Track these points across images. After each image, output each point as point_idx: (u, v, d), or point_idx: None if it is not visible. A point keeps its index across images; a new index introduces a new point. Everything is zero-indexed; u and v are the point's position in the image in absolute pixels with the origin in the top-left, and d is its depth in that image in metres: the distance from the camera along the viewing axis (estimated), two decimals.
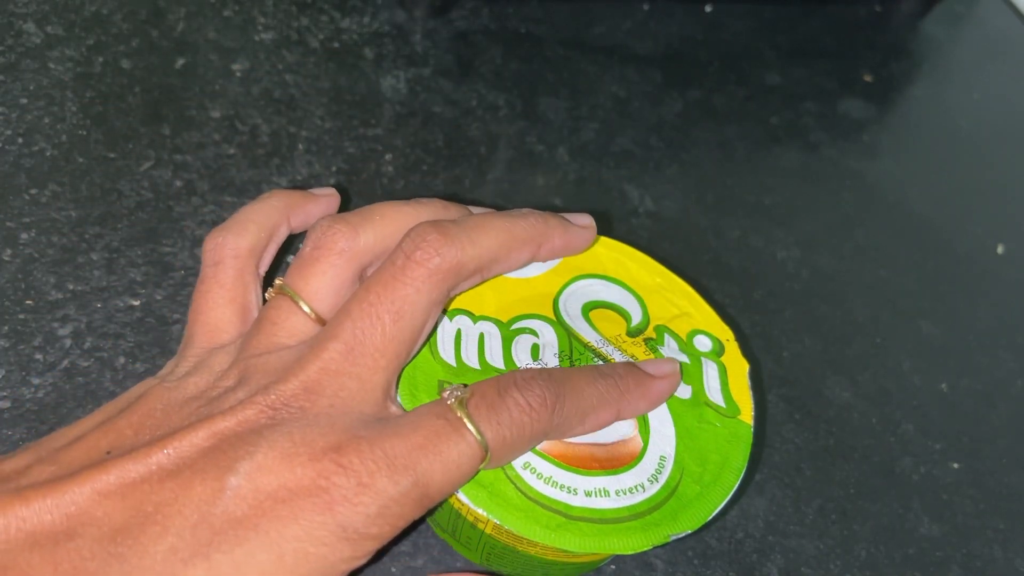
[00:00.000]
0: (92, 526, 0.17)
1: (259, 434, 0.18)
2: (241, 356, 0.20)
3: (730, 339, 0.25)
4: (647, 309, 0.25)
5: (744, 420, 0.23)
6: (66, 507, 0.17)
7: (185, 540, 0.17)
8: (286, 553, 0.17)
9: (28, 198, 0.30)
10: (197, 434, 0.18)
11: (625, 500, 0.21)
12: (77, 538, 0.16)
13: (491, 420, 0.19)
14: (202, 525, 0.17)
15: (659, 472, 0.21)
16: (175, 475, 0.17)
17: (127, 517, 0.17)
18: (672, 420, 0.23)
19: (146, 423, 0.19)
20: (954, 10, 0.54)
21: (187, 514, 0.17)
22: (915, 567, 0.28)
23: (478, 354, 0.23)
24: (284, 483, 0.17)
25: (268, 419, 0.18)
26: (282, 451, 0.18)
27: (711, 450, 0.22)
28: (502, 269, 0.23)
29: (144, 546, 0.17)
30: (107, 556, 0.16)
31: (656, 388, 0.22)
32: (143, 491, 0.17)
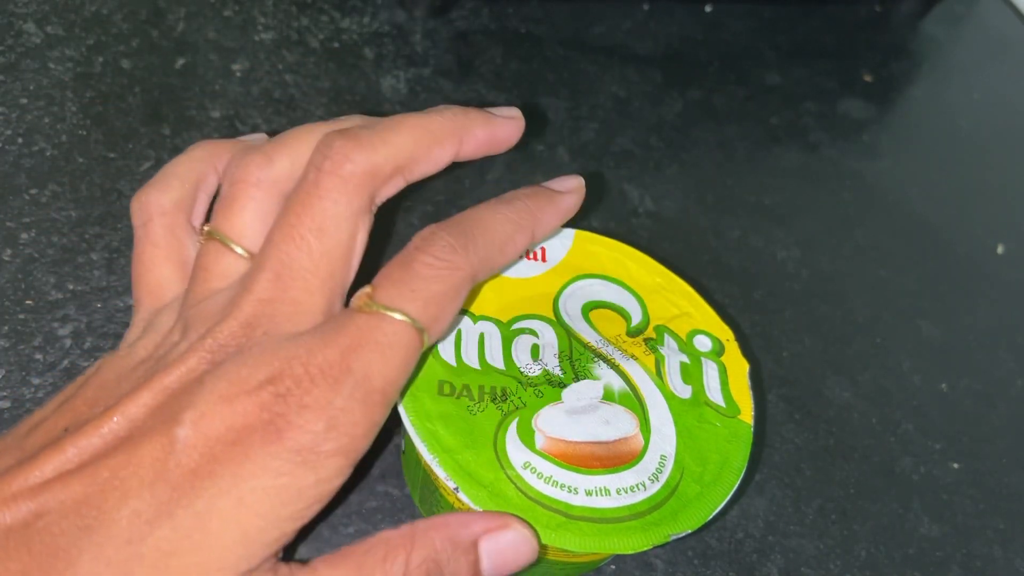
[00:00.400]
0: (56, 503, 0.17)
1: (200, 382, 0.18)
2: (182, 309, 0.20)
3: (730, 339, 0.25)
4: (647, 309, 0.25)
5: (744, 420, 0.23)
6: (31, 490, 0.17)
7: (146, 501, 0.17)
8: (245, 493, 0.17)
9: (28, 198, 0.30)
10: (143, 395, 0.18)
11: (626, 499, 0.21)
12: (45, 517, 0.16)
13: (403, 294, 0.19)
14: (159, 483, 0.17)
15: (660, 471, 0.21)
16: (127, 440, 0.17)
17: (88, 489, 0.17)
18: (672, 419, 0.23)
19: (100, 396, 0.19)
20: (954, 10, 0.54)
21: (143, 475, 0.17)
22: (915, 567, 0.28)
23: (478, 354, 0.23)
24: (229, 425, 0.17)
25: (208, 363, 0.18)
26: (221, 393, 0.17)
27: (711, 450, 0.22)
28: (424, 169, 0.22)
29: (108, 514, 0.17)
30: (76, 530, 0.16)
31: (564, 202, 0.22)
32: (100, 461, 0.17)
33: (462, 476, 0.20)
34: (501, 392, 0.22)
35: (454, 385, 0.22)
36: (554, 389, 0.22)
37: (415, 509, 0.26)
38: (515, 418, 0.22)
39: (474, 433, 0.21)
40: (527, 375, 0.23)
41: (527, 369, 0.23)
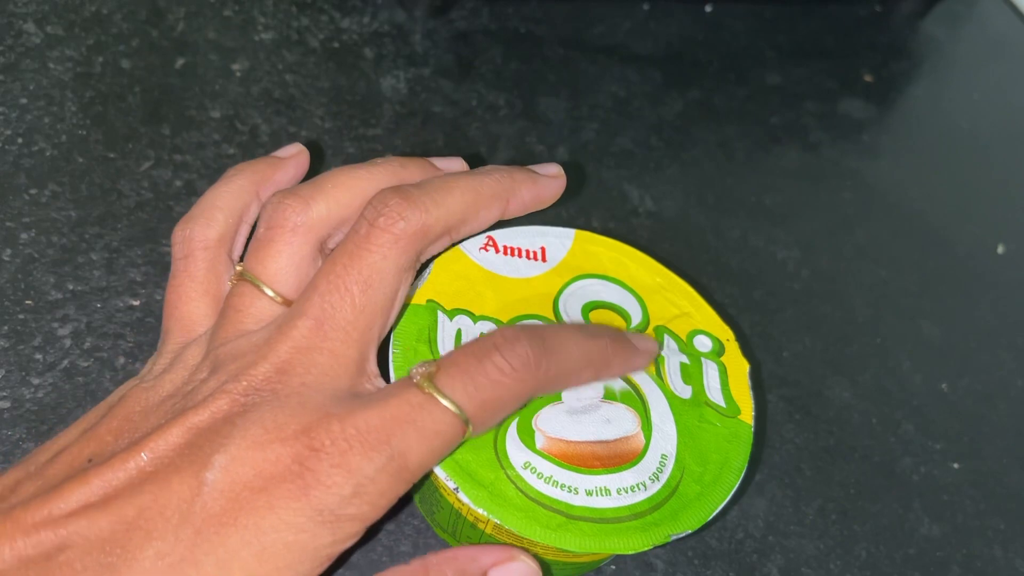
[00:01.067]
0: (80, 538, 0.16)
1: (232, 424, 0.18)
2: (211, 347, 0.20)
3: (730, 339, 0.25)
4: (647, 309, 0.25)
5: (744, 420, 0.23)
6: (54, 521, 0.17)
7: (169, 543, 0.16)
8: (266, 546, 0.17)
9: (28, 198, 0.30)
10: (172, 432, 0.18)
11: (626, 499, 0.21)
12: (68, 551, 0.16)
13: (466, 387, 0.19)
14: (184, 526, 0.17)
15: (660, 471, 0.21)
16: (153, 477, 0.17)
17: (112, 525, 0.17)
18: (673, 419, 0.23)
19: (125, 427, 0.19)
20: (954, 10, 0.54)
21: (168, 516, 0.17)
22: (915, 567, 0.28)
23: None
24: (259, 471, 0.17)
25: (240, 407, 0.18)
26: (254, 439, 0.17)
27: (712, 450, 0.22)
28: (471, 229, 0.22)
29: (132, 553, 0.16)
30: (98, 567, 0.16)
31: (638, 361, 0.22)
32: (124, 497, 0.17)
33: (462, 476, 0.20)
34: None
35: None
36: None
37: (415, 509, 0.26)
38: (515, 418, 0.22)
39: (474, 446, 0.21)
40: None
41: None
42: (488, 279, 0.24)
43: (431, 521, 0.25)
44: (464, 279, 0.24)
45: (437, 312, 0.23)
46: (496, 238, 0.25)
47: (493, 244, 0.25)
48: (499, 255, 0.25)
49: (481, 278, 0.24)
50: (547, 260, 0.26)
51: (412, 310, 0.23)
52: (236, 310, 0.21)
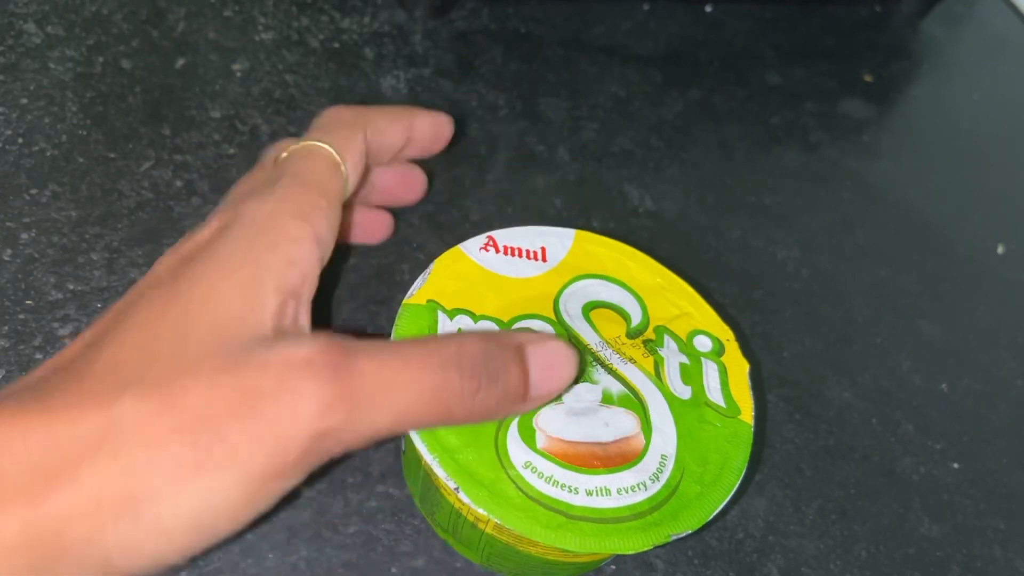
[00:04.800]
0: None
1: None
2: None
3: (730, 339, 0.25)
4: (647, 309, 0.25)
5: (744, 420, 0.23)
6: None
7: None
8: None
9: (28, 198, 0.30)
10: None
11: (626, 499, 0.21)
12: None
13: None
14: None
15: (660, 471, 0.21)
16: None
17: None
18: (673, 420, 0.23)
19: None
20: (954, 10, 0.54)
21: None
22: (915, 567, 0.28)
23: None
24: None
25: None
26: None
27: (712, 450, 0.22)
28: (380, 136, 0.26)
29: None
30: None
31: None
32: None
33: (462, 476, 0.20)
34: None
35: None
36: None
37: (415, 509, 0.26)
38: (515, 417, 0.22)
39: (475, 432, 0.21)
40: None
41: None
42: (488, 279, 0.24)
43: (431, 521, 0.25)
44: (464, 279, 0.24)
45: (437, 312, 0.23)
46: (496, 238, 0.25)
47: (493, 244, 0.25)
48: (499, 255, 0.25)
49: (481, 278, 0.24)
50: (547, 260, 0.26)
51: (412, 310, 0.23)
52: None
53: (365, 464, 0.26)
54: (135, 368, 0.17)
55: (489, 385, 0.19)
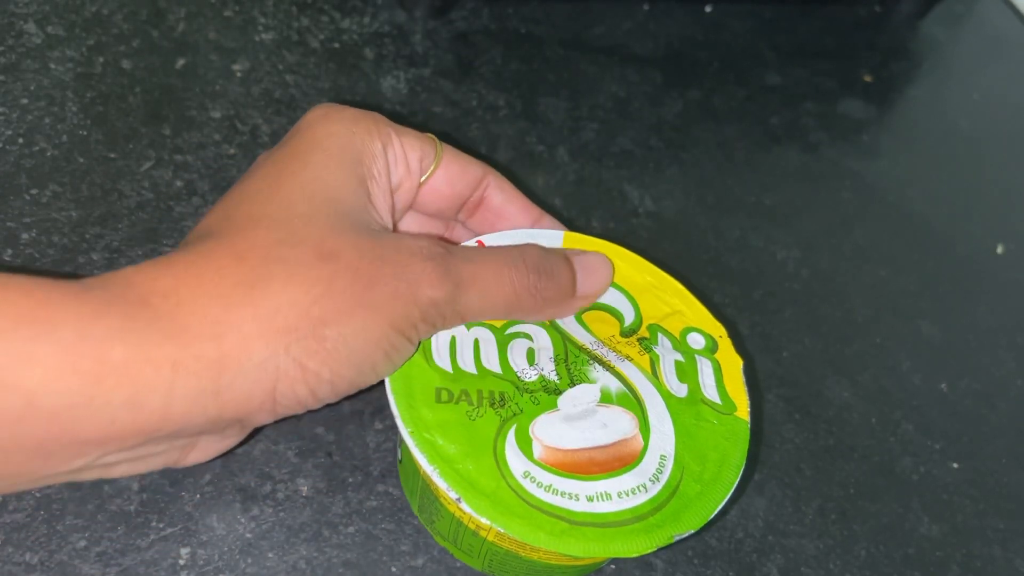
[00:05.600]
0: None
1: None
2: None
3: (723, 336, 0.25)
4: (639, 309, 0.25)
5: (741, 416, 0.23)
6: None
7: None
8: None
9: (29, 198, 0.30)
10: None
11: (627, 502, 0.21)
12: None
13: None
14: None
15: (660, 472, 0.21)
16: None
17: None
18: (671, 419, 0.23)
19: None
20: (954, 10, 0.54)
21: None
22: (915, 567, 0.28)
23: (474, 360, 0.23)
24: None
25: None
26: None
27: (710, 448, 0.22)
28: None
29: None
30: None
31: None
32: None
33: (463, 486, 0.20)
34: (499, 397, 0.22)
35: (452, 391, 0.22)
36: (550, 396, 0.22)
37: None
38: (513, 425, 0.22)
39: (474, 440, 0.21)
40: (524, 380, 0.22)
41: (524, 374, 0.23)
42: None
43: (431, 529, 0.25)
44: None
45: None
46: (486, 242, 0.25)
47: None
48: None
49: None
50: None
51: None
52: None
53: (365, 464, 0.26)
54: (281, 226, 0.20)
55: (548, 280, 0.23)
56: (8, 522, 0.23)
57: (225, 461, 0.26)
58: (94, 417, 0.16)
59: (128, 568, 0.23)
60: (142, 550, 0.23)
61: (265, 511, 0.25)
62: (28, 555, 0.23)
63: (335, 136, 0.22)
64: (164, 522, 0.24)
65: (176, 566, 0.23)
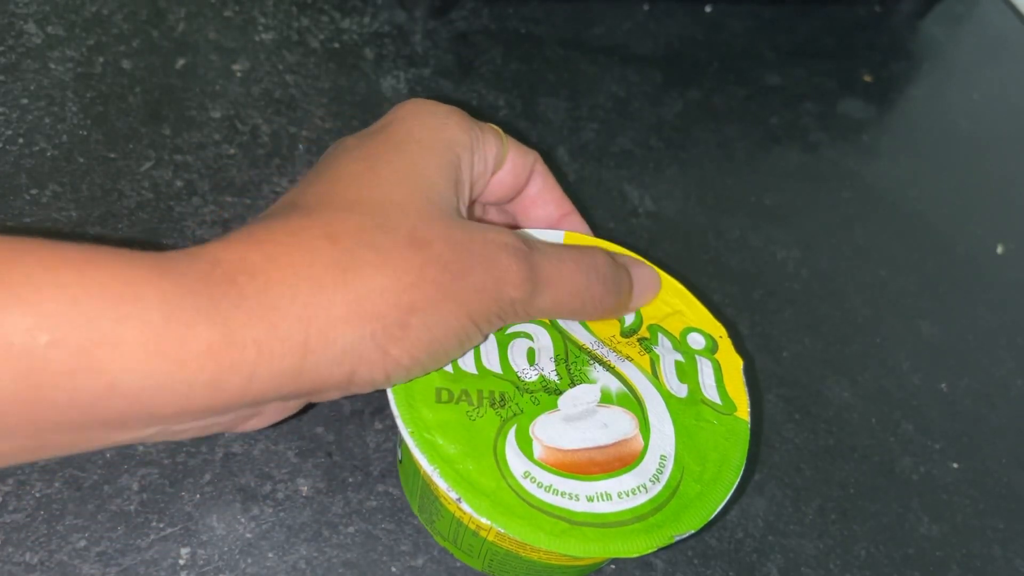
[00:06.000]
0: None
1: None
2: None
3: (723, 336, 0.25)
4: (639, 309, 0.25)
5: (741, 417, 0.23)
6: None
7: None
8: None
9: (29, 198, 0.30)
10: None
11: (627, 503, 0.21)
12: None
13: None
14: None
15: (660, 472, 0.21)
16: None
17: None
18: (671, 419, 0.23)
19: None
20: (954, 10, 0.54)
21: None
22: (915, 567, 0.28)
23: (475, 360, 0.23)
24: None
25: None
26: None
27: (710, 448, 0.22)
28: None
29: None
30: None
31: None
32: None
33: (464, 486, 0.20)
34: (500, 397, 0.22)
35: (452, 391, 0.22)
36: (550, 397, 0.22)
37: None
38: (513, 425, 0.22)
39: (474, 440, 0.21)
40: (524, 380, 0.22)
41: (524, 374, 0.23)
42: None
43: (431, 529, 0.25)
44: None
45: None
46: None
47: None
48: None
49: None
50: None
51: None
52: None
53: (365, 464, 0.26)
54: (375, 211, 0.20)
55: (613, 293, 0.24)
56: (8, 522, 0.23)
57: (225, 461, 0.26)
58: (174, 395, 0.16)
59: (128, 568, 0.23)
60: (142, 550, 0.23)
61: (265, 511, 0.25)
62: (28, 555, 0.23)
63: (429, 129, 0.23)
64: (164, 522, 0.24)
65: (176, 566, 0.23)
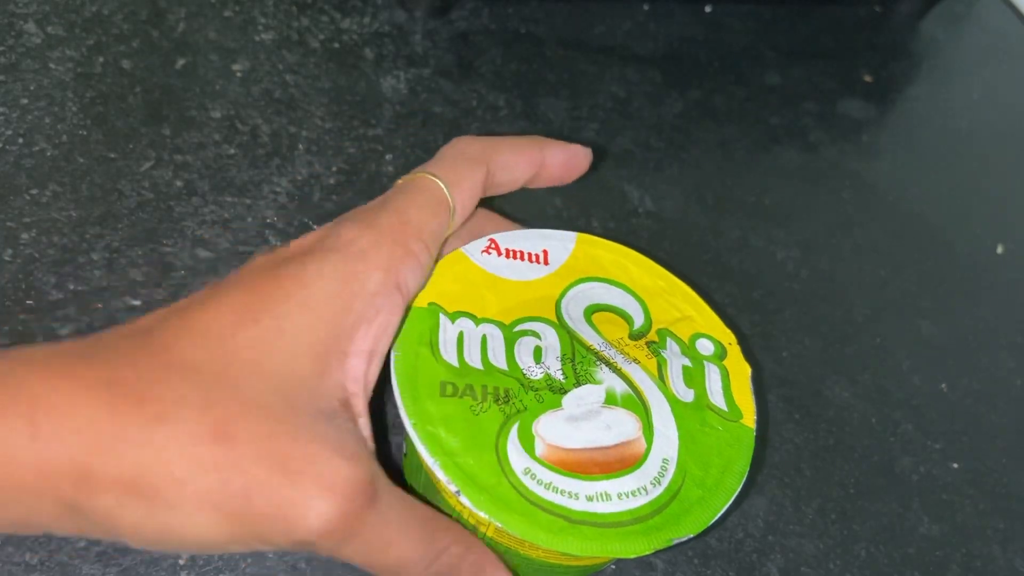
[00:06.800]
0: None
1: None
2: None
3: (732, 343, 0.25)
4: (649, 312, 0.25)
5: (746, 424, 0.23)
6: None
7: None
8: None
9: (28, 198, 0.30)
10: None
11: (627, 504, 0.21)
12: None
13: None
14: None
15: (662, 475, 0.21)
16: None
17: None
18: (675, 423, 0.23)
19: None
20: (954, 10, 0.54)
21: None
22: (915, 567, 0.28)
23: (481, 355, 0.23)
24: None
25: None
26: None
27: (714, 454, 0.22)
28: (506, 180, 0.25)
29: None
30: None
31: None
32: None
33: (463, 480, 0.20)
34: (504, 393, 0.22)
35: (456, 385, 0.22)
36: (555, 395, 0.22)
37: None
38: (516, 421, 0.22)
39: (476, 436, 0.21)
40: (529, 378, 0.22)
41: (529, 372, 0.23)
42: (490, 282, 0.24)
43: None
44: (466, 281, 0.24)
45: (439, 315, 0.23)
46: (499, 241, 0.25)
47: (495, 247, 0.25)
48: (501, 258, 0.25)
49: (483, 281, 0.24)
50: (549, 263, 0.26)
51: (414, 313, 0.23)
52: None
53: None
54: (204, 379, 0.17)
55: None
56: None
57: None
58: None
59: (128, 568, 0.23)
60: (142, 550, 0.23)
61: None
62: (28, 555, 0.23)
63: (341, 279, 0.20)
64: None
65: (176, 566, 0.23)
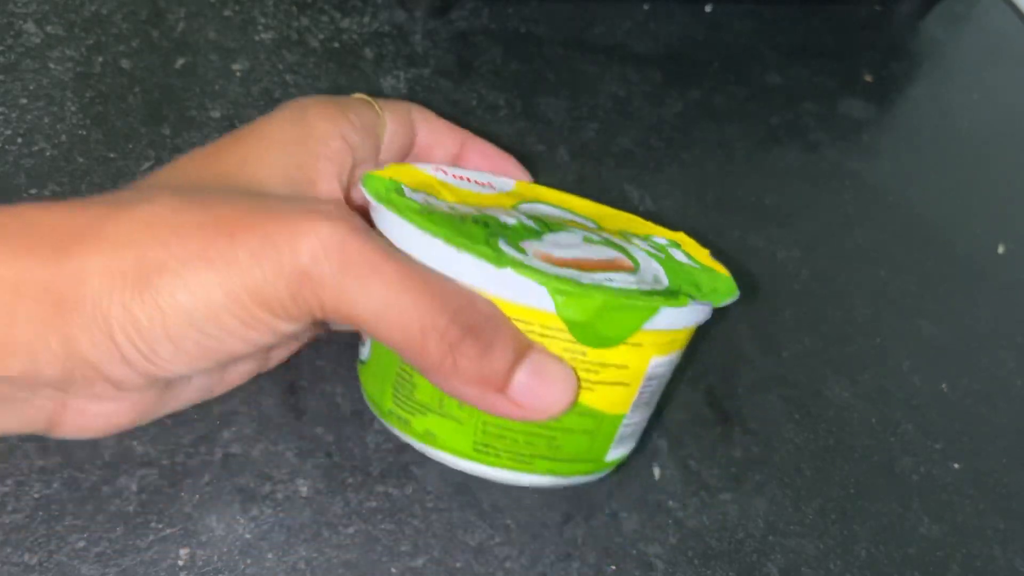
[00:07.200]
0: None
1: None
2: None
3: (685, 239, 0.26)
4: (600, 224, 0.26)
5: (721, 272, 0.24)
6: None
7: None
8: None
9: (28, 198, 0.30)
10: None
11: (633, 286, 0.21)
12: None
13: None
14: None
15: (657, 282, 0.22)
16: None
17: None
18: (656, 262, 0.23)
19: None
20: (954, 10, 0.54)
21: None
22: (915, 567, 0.28)
23: (450, 209, 0.23)
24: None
25: None
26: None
27: (700, 281, 0.23)
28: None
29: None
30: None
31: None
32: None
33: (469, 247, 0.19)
34: (483, 221, 0.22)
35: (433, 208, 0.22)
36: (534, 232, 0.23)
37: (415, 508, 0.26)
38: (501, 236, 0.21)
39: (467, 235, 0.20)
40: (503, 221, 0.23)
41: (503, 218, 0.23)
42: (445, 186, 0.25)
43: (408, 423, 0.23)
44: (421, 180, 0.24)
45: (400, 185, 0.23)
46: (445, 169, 0.26)
47: (443, 171, 0.26)
48: (449, 175, 0.26)
49: (437, 183, 0.25)
50: (495, 188, 0.27)
51: (375, 180, 0.22)
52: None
53: (365, 464, 0.26)
54: (174, 185, 0.20)
55: (474, 347, 0.18)
56: (7, 522, 0.23)
57: (224, 462, 0.26)
58: None
59: (127, 569, 0.23)
60: (141, 551, 0.23)
61: (264, 512, 0.25)
62: (27, 556, 0.23)
63: (283, 125, 0.23)
64: (163, 523, 0.24)
65: (175, 567, 0.23)
